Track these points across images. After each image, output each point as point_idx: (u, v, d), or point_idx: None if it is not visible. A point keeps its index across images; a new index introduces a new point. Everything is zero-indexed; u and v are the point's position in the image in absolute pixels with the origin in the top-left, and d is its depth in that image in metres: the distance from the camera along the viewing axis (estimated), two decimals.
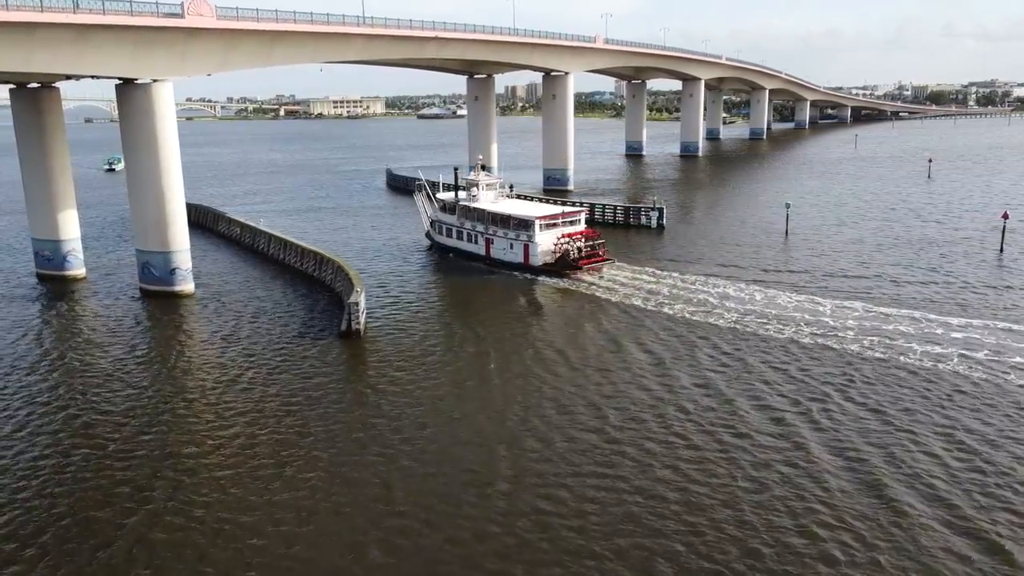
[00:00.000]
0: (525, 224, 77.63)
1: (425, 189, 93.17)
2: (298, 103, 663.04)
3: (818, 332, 56.56)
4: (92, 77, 67.02)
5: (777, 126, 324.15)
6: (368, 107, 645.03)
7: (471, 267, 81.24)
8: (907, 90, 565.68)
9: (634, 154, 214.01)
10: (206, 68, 71.56)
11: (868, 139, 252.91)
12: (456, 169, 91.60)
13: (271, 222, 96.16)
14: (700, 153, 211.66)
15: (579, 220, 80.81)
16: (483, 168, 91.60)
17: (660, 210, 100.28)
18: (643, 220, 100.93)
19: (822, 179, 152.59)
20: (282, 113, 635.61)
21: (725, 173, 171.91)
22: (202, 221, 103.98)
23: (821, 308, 62.75)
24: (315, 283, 72.40)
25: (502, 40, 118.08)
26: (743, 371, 49.68)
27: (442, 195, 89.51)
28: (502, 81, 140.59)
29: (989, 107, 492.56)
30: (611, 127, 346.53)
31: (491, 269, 79.75)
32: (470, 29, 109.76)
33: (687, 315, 61.61)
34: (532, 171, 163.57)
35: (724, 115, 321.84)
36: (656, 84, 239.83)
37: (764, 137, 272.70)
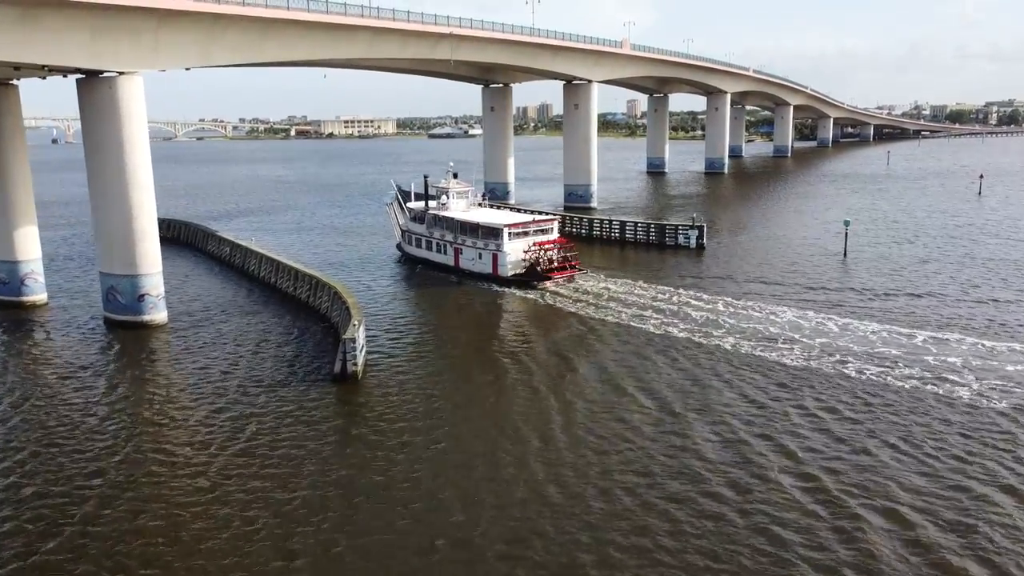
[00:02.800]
0: (493, 232, 73.21)
1: (397, 199, 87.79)
2: (309, 123, 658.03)
3: (919, 375, 45.99)
4: (48, 69, 56.71)
5: (798, 144, 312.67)
6: (379, 127, 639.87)
7: (469, 285, 73.30)
8: (925, 109, 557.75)
9: (656, 171, 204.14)
10: (183, 60, 61.18)
11: (898, 157, 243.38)
12: (426, 177, 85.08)
13: (272, 240, 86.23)
14: (726, 171, 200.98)
15: (551, 229, 76.38)
16: (455, 177, 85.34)
17: (700, 228, 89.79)
18: (681, 240, 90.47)
19: (863, 196, 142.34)
20: (293, 133, 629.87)
21: (756, 191, 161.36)
22: (190, 240, 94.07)
23: (913, 341, 52.29)
24: (309, 311, 62.06)
25: (522, 41, 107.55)
26: (840, 432, 38.81)
27: (413, 204, 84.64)
28: (515, 97, 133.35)
29: (1012, 126, 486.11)
30: (626, 146, 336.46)
31: (465, 281, 73.92)
32: (488, 27, 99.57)
33: (751, 350, 51.22)
34: (548, 187, 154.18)
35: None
36: (673, 103, 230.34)
37: (789, 155, 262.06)
